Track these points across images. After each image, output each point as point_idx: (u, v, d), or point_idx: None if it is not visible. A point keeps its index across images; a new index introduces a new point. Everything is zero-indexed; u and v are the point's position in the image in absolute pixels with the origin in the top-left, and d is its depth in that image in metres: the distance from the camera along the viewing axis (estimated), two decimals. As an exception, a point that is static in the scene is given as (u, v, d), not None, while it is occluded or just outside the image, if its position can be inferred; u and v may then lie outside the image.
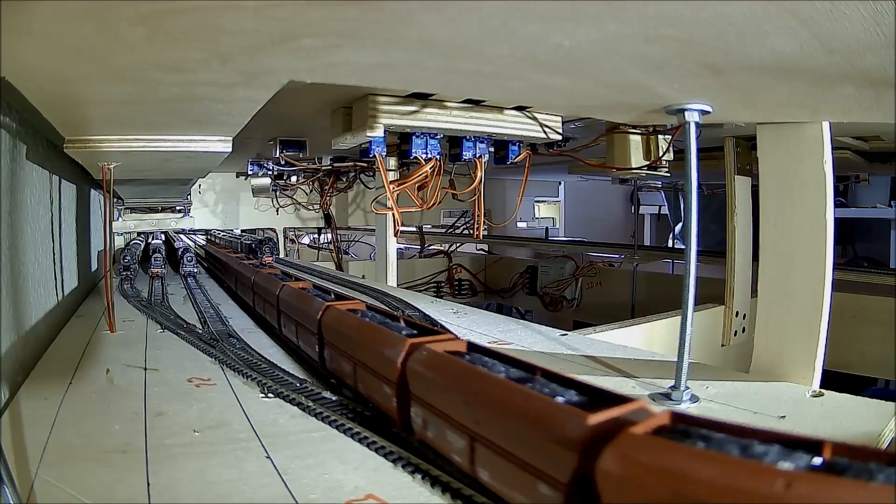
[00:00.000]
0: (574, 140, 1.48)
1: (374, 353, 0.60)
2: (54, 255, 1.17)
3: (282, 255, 2.97)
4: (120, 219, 2.71)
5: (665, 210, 4.23)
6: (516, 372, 0.48)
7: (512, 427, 0.41)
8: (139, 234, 2.80)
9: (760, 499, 0.27)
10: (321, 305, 0.77)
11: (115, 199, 2.22)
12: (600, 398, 0.41)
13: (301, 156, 1.67)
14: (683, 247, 0.72)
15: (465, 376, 0.48)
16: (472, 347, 0.56)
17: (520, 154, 1.28)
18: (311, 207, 2.98)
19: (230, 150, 1.01)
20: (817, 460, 0.30)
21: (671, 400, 0.72)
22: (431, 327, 0.64)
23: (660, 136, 1.33)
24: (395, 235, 1.78)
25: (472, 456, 0.45)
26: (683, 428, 0.35)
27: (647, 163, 1.33)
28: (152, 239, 2.46)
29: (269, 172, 2.17)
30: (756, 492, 0.27)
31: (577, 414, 0.37)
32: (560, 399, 0.41)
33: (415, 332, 0.61)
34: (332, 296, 0.87)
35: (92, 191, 1.81)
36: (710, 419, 0.35)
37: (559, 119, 1.20)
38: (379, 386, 0.59)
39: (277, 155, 1.62)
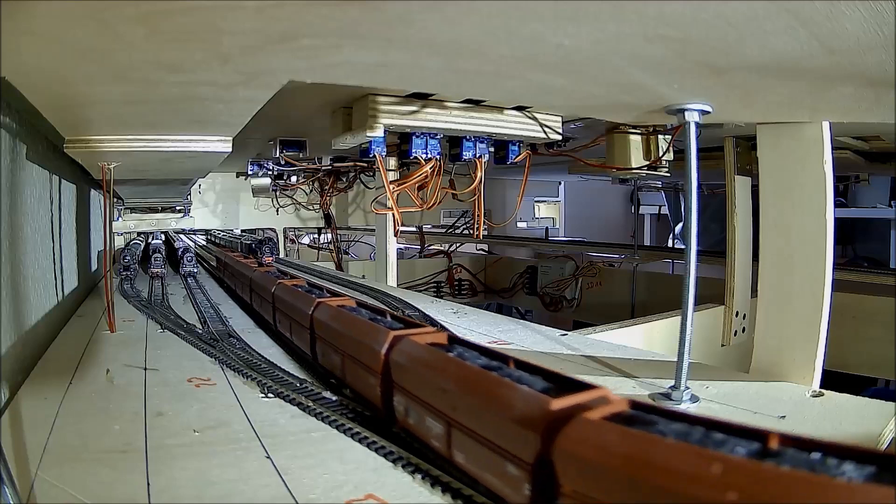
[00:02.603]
0: (574, 140, 1.48)
1: None
2: (54, 255, 1.17)
3: (282, 255, 2.97)
4: (120, 219, 2.71)
5: (665, 210, 4.23)
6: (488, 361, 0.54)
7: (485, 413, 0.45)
8: (139, 234, 2.80)
9: (697, 480, 0.30)
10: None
11: (115, 199, 2.21)
12: (567, 385, 0.45)
13: (301, 156, 1.67)
14: (683, 247, 0.72)
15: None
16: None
17: (520, 154, 1.28)
18: (311, 207, 2.98)
19: (230, 150, 1.01)
20: (756, 447, 0.33)
21: (671, 400, 0.72)
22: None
23: (660, 136, 1.33)
24: (395, 235, 1.78)
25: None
26: (636, 414, 0.39)
27: (647, 163, 1.33)
28: (152, 239, 2.46)
29: (269, 172, 2.17)
30: (692, 474, 0.30)
31: (541, 400, 0.41)
32: (526, 387, 0.44)
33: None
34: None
35: (92, 191, 1.81)
36: (664, 408, 0.39)
37: (559, 119, 1.20)
38: None
39: (277, 155, 1.62)
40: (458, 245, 3.13)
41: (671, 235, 4.20)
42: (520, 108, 1.14)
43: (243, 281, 1.31)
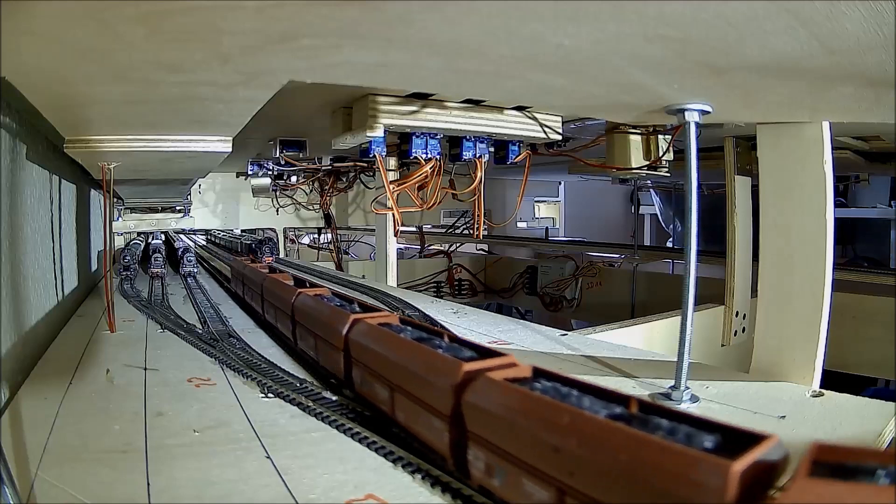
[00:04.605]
0: (574, 140, 1.48)
1: None
2: (54, 255, 1.17)
3: (282, 255, 2.97)
4: (120, 219, 2.71)
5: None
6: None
7: None
8: (139, 234, 2.80)
9: (550, 425, 0.39)
10: None
11: (115, 199, 2.21)
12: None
13: (301, 156, 1.67)
14: (682, 247, 0.72)
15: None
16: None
17: (520, 154, 1.28)
18: (311, 207, 2.98)
19: (230, 150, 1.01)
20: (617, 409, 0.40)
21: (671, 400, 0.72)
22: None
23: (660, 136, 1.33)
24: (395, 235, 1.78)
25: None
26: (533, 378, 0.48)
27: (647, 163, 1.33)
28: (152, 239, 2.46)
29: (269, 172, 2.17)
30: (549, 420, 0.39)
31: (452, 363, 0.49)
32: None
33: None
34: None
35: (92, 191, 1.81)
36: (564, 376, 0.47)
37: (559, 119, 1.20)
38: None
39: (277, 155, 1.62)
40: (458, 245, 3.13)
41: (671, 238, 4.19)
42: (520, 108, 1.14)
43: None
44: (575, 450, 0.36)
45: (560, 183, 4.53)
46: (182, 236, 2.78)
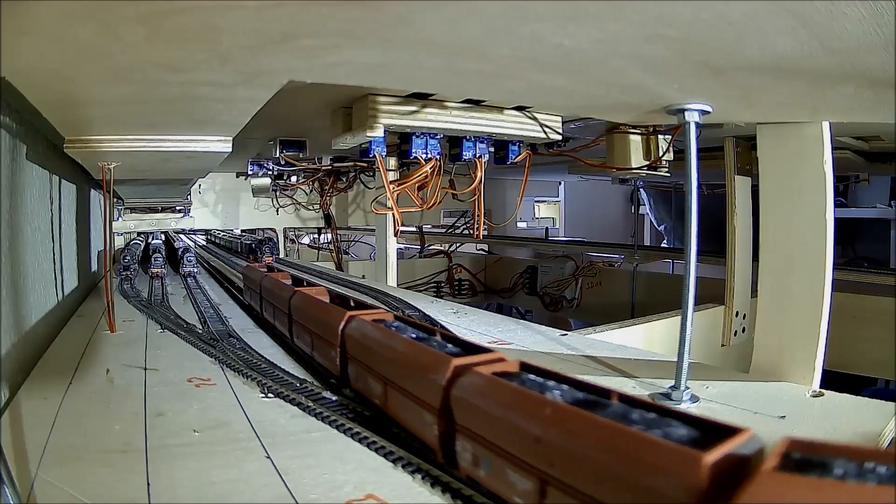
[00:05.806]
0: (574, 140, 1.48)
1: None
2: (54, 255, 1.17)
3: (282, 255, 2.97)
4: (120, 219, 2.71)
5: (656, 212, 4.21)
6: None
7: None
8: (139, 234, 2.81)
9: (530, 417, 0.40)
10: None
11: (115, 199, 2.22)
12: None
13: (301, 156, 1.67)
14: (676, 246, 0.73)
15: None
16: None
17: (520, 154, 1.28)
18: (311, 207, 2.98)
19: (230, 150, 1.01)
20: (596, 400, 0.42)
21: (671, 400, 0.72)
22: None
23: (660, 136, 1.33)
24: (395, 235, 1.78)
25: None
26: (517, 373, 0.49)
27: (647, 163, 1.33)
28: (152, 239, 2.46)
29: (269, 172, 2.17)
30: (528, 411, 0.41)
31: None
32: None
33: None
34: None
35: (92, 191, 1.81)
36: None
37: (559, 119, 1.20)
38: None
39: (277, 155, 1.62)
40: (458, 245, 3.13)
41: (665, 240, 4.17)
42: (520, 108, 1.14)
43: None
44: None
45: (560, 183, 4.53)
46: (182, 236, 2.78)
